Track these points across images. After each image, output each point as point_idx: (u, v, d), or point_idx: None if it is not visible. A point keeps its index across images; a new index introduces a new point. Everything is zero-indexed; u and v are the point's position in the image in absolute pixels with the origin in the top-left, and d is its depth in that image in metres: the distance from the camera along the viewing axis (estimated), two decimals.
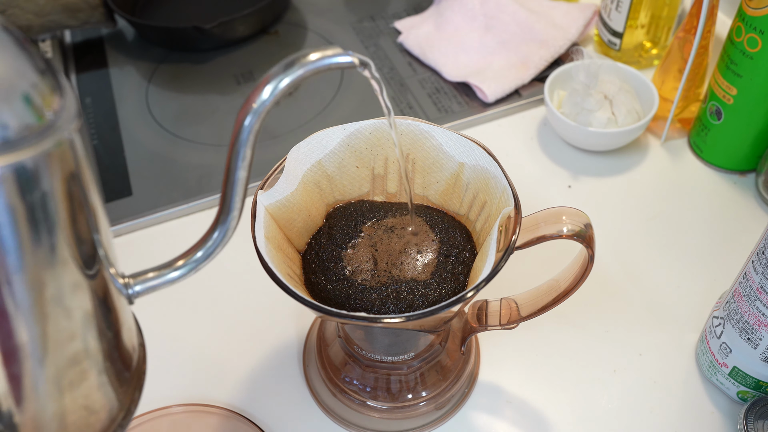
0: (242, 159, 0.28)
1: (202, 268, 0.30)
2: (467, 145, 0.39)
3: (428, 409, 0.46)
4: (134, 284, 0.28)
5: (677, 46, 0.62)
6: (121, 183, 0.62)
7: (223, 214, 0.29)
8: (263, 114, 0.27)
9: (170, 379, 0.49)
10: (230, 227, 0.29)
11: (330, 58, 0.29)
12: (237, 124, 0.27)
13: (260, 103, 0.27)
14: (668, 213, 0.58)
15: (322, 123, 0.67)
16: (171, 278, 0.29)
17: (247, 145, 0.28)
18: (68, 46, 0.78)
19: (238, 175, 0.28)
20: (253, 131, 0.27)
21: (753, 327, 0.41)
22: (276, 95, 0.27)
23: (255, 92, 0.27)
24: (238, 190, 0.28)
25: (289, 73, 0.28)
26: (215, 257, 0.29)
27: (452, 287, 0.37)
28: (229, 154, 0.28)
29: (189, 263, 0.29)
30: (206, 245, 0.29)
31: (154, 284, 0.29)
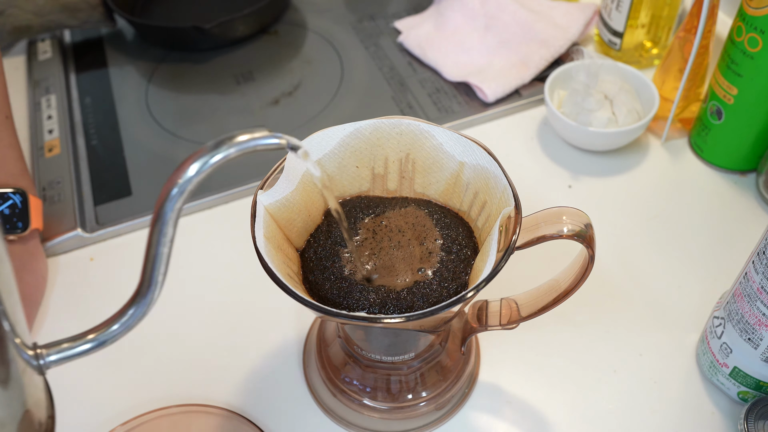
0: (164, 235, 0.27)
1: (117, 340, 0.29)
2: (467, 145, 0.39)
3: (428, 410, 0.46)
4: (47, 354, 0.27)
5: (678, 45, 0.61)
6: (120, 183, 0.62)
7: (143, 287, 0.28)
8: (187, 192, 0.27)
9: (170, 379, 0.49)
10: (150, 301, 0.28)
11: (258, 139, 0.28)
12: (159, 200, 0.27)
13: (186, 180, 0.27)
14: (668, 213, 0.58)
15: (322, 123, 0.67)
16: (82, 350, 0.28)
17: (170, 223, 0.27)
18: (68, 45, 0.78)
19: (160, 250, 0.27)
20: (176, 209, 0.27)
21: (754, 327, 0.41)
22: (202, 174, 0.27)
23: (180, 169, 0.27)
24: (160, 265, 0.28)
25: (217, 152, 0.27)
26: (132, 330, 0.29)
27: (453, 287, 0.37)
28: (151, 230, 0.27)
29: (103, 336, 0.29)
30: (122, 319, 0.29)
31: (68, 354, 0.28)
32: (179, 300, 0.54)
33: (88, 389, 0.49)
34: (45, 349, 0.28)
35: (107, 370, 0.50)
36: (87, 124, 0.68)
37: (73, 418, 0.47)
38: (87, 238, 0.58)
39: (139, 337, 0.51)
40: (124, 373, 0.50)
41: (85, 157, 0.65)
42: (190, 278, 0.55)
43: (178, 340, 0.51)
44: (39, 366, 0.27)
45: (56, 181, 0.62)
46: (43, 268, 0.54)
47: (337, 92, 0.71)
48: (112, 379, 0.49)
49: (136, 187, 0.62)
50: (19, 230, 0.52)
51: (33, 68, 0.74)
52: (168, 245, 0.28)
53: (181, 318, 0.53)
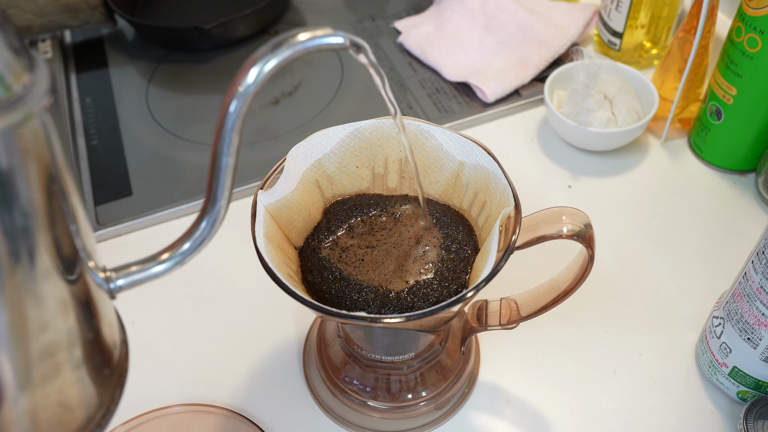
0: (229, 145, 0.26)
1: (189, 261, 0.27)
2: (467, 145, 0.39)
3: (428, 409, 0.46)
4: (116, 278, 0.27)
5: (677, 46, 0.62)
6: (121, 183, 0.62)
7: (210, 204, 0.27)
8: (250, 97, 0.26)
9: (170, 379, 0.49)
10: (218, 217, 0.27)
11: (320, 38, 0.27)
12: (223, 108, 0.26)
13: (246, 86, 0.26)
14: (668, 213, 0.58)
15: (322, 123, 0.67)
16: (156, 272, 0.27)
17: (234, 131, 0.26)
18: (68, 46, 0.78)
19: (224, 162, 0.26)
20: (240, 116, 0.26)
21: (753, 327, 0.41)
22: (262, 78, 0.26)
23: (240, 75, 0.26)
24: (225, 178, 0.26)
25: (276, 54, 0.26)
26: (203, 249, 0.28)
27: (453, 287, 0.37)
28: (215, 141, 0.26)
29: (175, 256, 0.27)
30: (193, 236, 0.27)
31: (137, 278, 0.27)
32: (179, 299, 0.54)
33: None
34: (114, 272, 0.27)
35: None
36: (87, 124, 0.68)
37: None
38: None
39: (139, 337, 0.52)
40: None
41: (86, 157, 0.65)
42: (190, 278, 0.55)
43: (178, 340, 0.51)
44: (109, 289, 0.26)
45: None
46: None
47: (337, 92, 0.71)
48: None
49: (137, 187, 0.62)
50: None
51: None
52: (234, 156, 0.26)
53: (181, 318, 0.53)
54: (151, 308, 0.53)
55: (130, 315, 0.53)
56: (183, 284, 0.55)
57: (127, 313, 0.52)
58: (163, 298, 0.54)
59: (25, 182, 0.20)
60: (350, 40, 0.28)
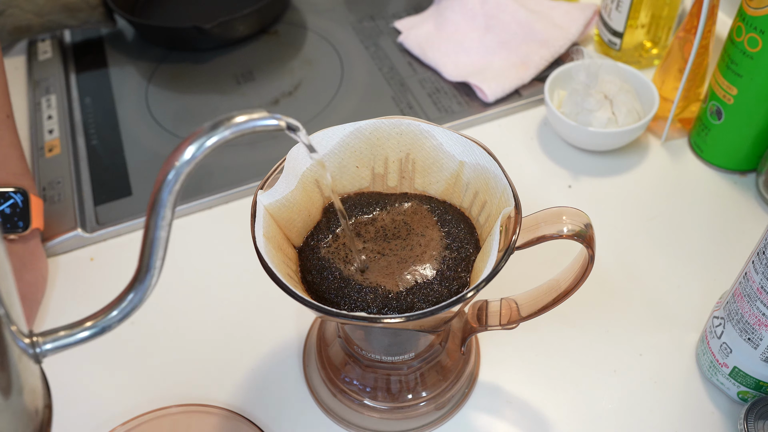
0: (162, 218, 0.27)
1: (116, 327, 0.28)
2: (467, 145, 0.39)
3: (428, 410, 0.46)
4: (43, 343, 0.27)
5: (677, 45, 0.62)
6: (120, 183, 0.62)
7: (141, 273, 0.27)
8: (184, 175, 0.26)
9: (170, 379, 0.49)
10: (149, 286, 0.28)
11: (256, 120, 0.28)
12: (157, 183, 0.26)
13: (183, 162, 0.26)
14: (668, 213, 0.58)
15: (322, 123, 0.67)
16: (81, 338, 0.28)
17: (167, 206, 0.27)
18: (68, 45, 0.78)
19: (157, 234, 0.27)
20: (174, 192, 0.26)
21: (753, 327, 0.41)
22: (199, 155, 0.26)
23: (177, 152, 0.26)
24: (158, 249, 0.27)
25: (214, 134, 0.27)
26: (131, 317, 0.28)
27: (454, 287, 0.37)
28: (148, 214, 0.27)
29: (101, 323, 0.28)
30: (121, 305, 0.28)
31: (65, 342, 0.27)
32: (179, 300, 0.54)
33: (88, 389, 0.49)
34: (41, 336, 0.27)
35: (107, 370, 0.50)
36: (87, 124, 0.68)
37: (73, 418, 0.47)
38: (87, 238, 0.58)
39: (139, 338, 0.52)
40: (124, 373, 0.50)
41: (86, 157, 0.65)
42: (190, 278, 0.55)
43: (178, 340, 0.51)
44: (35, 354, 0.27)
45: (56, 181, 0.62)
46: (43, 268, 0.54)
47: (337, 92, 0.71)
48: (112, 379, 0.50)
49: (136, 187, 0.62)
50: (20, 229, 0.52)
51: (33, 68, 0.74)
52: (166, 229, 0.27)
53: (181, 318, 0.53)
54: (151, 308, 0.53)
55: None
56: (183, 284, 0.55)
57: None
58: (163, 298, 0.54)
59: None
60: (286, 123, 0.29)
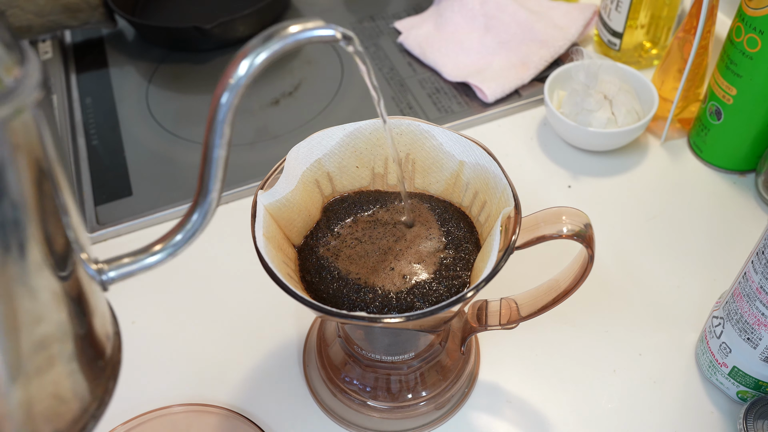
0: (220, 137, 0.26)
1: (181, 252, 0.28)
2: (467, 145, 0.39)
3: (428, 409, 0.46)
4: (108, 270, 0.27)
5: (677, 46, 0.62)
6: (121, 183, 0.62)
7: (201, 196, 0.27)
8: (242, 89, 0.26)
9: (170, 379, 0.49)
10: (210, 209, 0.27)
11: (311, 30, 0.27)
12: (214, 100, 0.26)
13: (237, 78, 0.26)
14: (668, 213, 0.58)
15: (322, 123, 0.67)
16: (148, 263, 0.27)
17: (226, 123, 0.26)
18: (68, 46, 0.78)
19: (216, 153, 0.26)
20: (232, 108, 0.26)
21: (753, 327, 0.41)
22: (254, 70, 0.26)
23: (231, 67, 0.26)
24: (217, 170, 0.27)
25: (268, 46, 0.26)
26: (195, 241, 0.28)
27: (453, 286, 0.37)
28: (207, 132, 0.26)
29: (167, 247, 0.27)
30: (185, 228, 0.27)
31: (130, 270, 0.27)
32: (179, 299, 0.54)
33: None
34: (107, 264, 0.27)
35: None
36: (87, 124, 0.68)
37: None
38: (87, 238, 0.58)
39: (139, 337, 0.52)
40: (124, 372, 0.50)
41: (86, 157, 0.65)
42: (191, 278, 0.55)
43: (178, 340, 0.51)
44: (101, 281, 0.27)
45: None
46: None
47: (337, 92, 0.71)
48: None
49: (137, 187, 0.62)
50: None
51: None
52: (225, 147, 0.26)
53: (181, 318, 0.53)
54: (151, 308, 0.53)
55: (130, 315, 0.53)
56: (183, 284, 0.55)
57: (127, 313, 0.53)
58: (163, 298, 0.54)
59: (16, 175, 0.21)
60: (341, 32, 0.28)
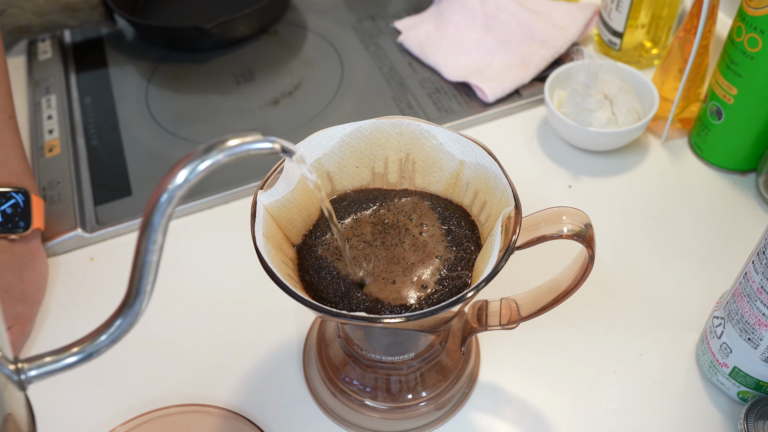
0: (153, 243, 0.26)
1: (104, 353, 0.28)
2: (467, 145, 0.39)
3: (428, 410, 0.46)
4: (28, 369, 0.26)
5: (677, 45, 0.62)
6: (121, 183, 0.62)
7: (130, 298, 0.27)
8: (177, 198, 0.26)
9: (170, 379, 0.49)
10: (138, 312, 0.27)
11: (250, 144, 0.27)
12: (148, 207, 0.26)
13: (175, 186, 0.26)
14: (668, 213, 0.58)
15: (322, 123, 0.67)
16: (68, 363, 0.27)
17: (159, 230, 0.26)
18: (68, 45, 0.78)
19: (148, 259, 0.26)
20: (166, 215, 0.26)
21: (753, 327, 0.41)
22: (192, 179, 0.26)
23: (169, 175, 0.26)
24: (148, 274, 0.27)
25: (207, 157, 0.26)
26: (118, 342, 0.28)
27: (454, 286, 0.37)
28: (139, 238, 0.26)
29: (89, 348, 0.27)
30: (109, 330, 0.27)
31: (50, 369, 0.27)
32: (179, 300, 0.54)
33: (88, 389, 0.49)
34: (27, 363, 0.27)
35: (107, 371, 0.50)
36: (87, 124, 0.68)
37: (73, 418, 0.47)
38: (87, 238, 0.58)
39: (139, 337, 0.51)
40: (124, 373, 0.50)
41: (86, 157, 0.65)
42: (190, 278, 0.55)
43: (178, 341, 0.51)
44: (20, 381, 0.26)
45: (56, 181, 0.62)
46: (44, 268, 0.54)
47: (337, 92, 0.71)
48: (112, 379, 0.50)
49: (136, 187, 0.62)
50: (21, 229, 0.52)
51: (33, 68, 0.74)
52: (157, 253, 0.27)
53: (181, 318, 0.53)
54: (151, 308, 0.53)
55: None
56: (183, 284, 0.55)
57: None
58: (163, 298, 0.54)
59: None
60: (281, 146, 0.29)
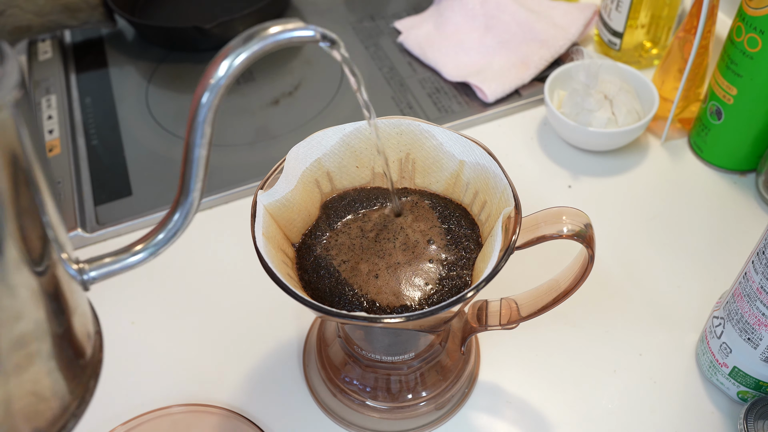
0: (201, 136, 0.26)
1: (162, 252, 0.28)
2: (467, 145, 0.39)
3: (428, 409, 0.46)
4: (89, 270, 0.27)
5: (677, 45, 0.62)
6: (121, 183, 0.62)
7: (182, 195, 0.27)
8: (222, 89, 0.26)
9: (170, 379, 0.49)
10: (191, 209, 0.27)
11: (291, 31, 0.27)
12: (194, 99, 0.26)
13: (217, 78, 0.26)
14: (668, 213, 0.58)
15: (322, 123, 0.67)
16: (129, 263, 0.27)
17: (206, 122, 0.26)
18: (68, 46, 0.78)
19: (197, 153, 0.27)
20: (212, 108, 0.26)
21: (753, 327, 0.41)
22: (234, 70, 0.26)
23: (212, 67, 0.26)
24: (198, 169, 0.27)
25: (248, 47, 0.26)
26: (176, 240, 0.28)
27: (454, 285, 0.37)
28: (188, 132, 0.26)
29: (149, 247, 0.28)
30: (167, 228, 0.28)
31: (111, 269, 0.27)
32: (179, 300, 0.54)
33: None
34: (87, 264, 0.27)
35: (107, 370, 0.50)
36: (87, 124, 0.68)
37: None
38: (87, 238, 0.58)
39: (139, 337, 0.52)
40: (124, 372, 0.50)
41: (86, 157, 0.65)
42: (190, 278, 0.55)
43: (178, 340, 0.51)
44: (83, 281, 0.27)
45: (56, 181, 0.62)
46: None
47: (337, 92, 0.71)
48: (113, 378, 0.50)
49: (137, 187, 0.62)
50: None
51: (33, 68, 0.74)
52: (206, 147, 0.26)
53: (181, 318, 0.53)
54: (151, 308, 0.53)
55: (130, 315, 0.53)
56: (183, 284, 0.55)
57: (127, 313, 0.53)
58: (163, 298, 0.54)
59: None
60: (321, 33, 0.28)
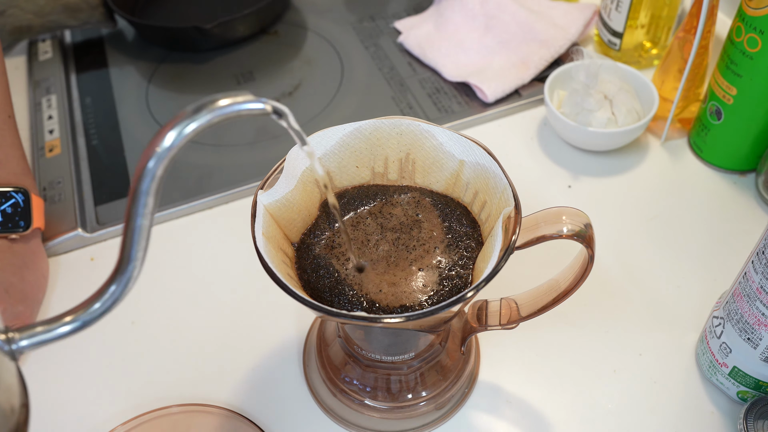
0: (143, 206, 0.26)
1: (98, 321, 0.27)
2: (467, 145, 0.39)
3: (428, 409, 0.46)
4: (19, 339, 0.26)
5: (677, 46, 0.62)
6: (121, 183, 0.62)
7: (122, 265, 0.26)
8: (166, 160, 0.26)
9: (170, 379, 0.49)
10: (131, 278, 0.27)
11: (241, 104, 0.27)
12: (138, 169, 0.25)
13: (164, 149, 0.25)
14: (668, 213, 0.58)
15: (322, 123, 0.67)
16: (61, 333, 0.27)
17: (150, 193, 0.26)
18: (68, 46, 0.78)
19: (138, 222, 0.26)
20: (156, 178, 0.26)
21: (753, 327, 0.41)
22: (180, 141, 0.26)
23: (158, 137, 0.26)
24: (140, 238, 0.26)
25: (196, 118, 0.26)
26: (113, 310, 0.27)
27: (456, 285, 0.37)
28: (129, 201, 0.26)
29: (83, 316, 0.27)
30: (103, 298, 0.27)
31: (42, 339, 0.26)
32: (179, 300, 0.54)
33: (88, 389, 0.49)
34: (18, 333, 0.26)
35: (107, 370, 0.50)
36: (87, 124, 0.68)
37: (73, 417, 0.48)
38: (87, 238, 0.58)
39: (139, 337, 0.52)
40: (124, 372, 0.50)
41: (86, 157, 0.65)
42: (190, 278, 0.55)
43: (178, 340, 0.51)
44: (11, 351, 0.26)
45: (57, 181, 0.62)
46: (44, 267, 0.54)
47: (337, 92, 0.71)
48: (112, 378, 0.50)
49: None
50: (21, 229, 0.52)
51: (33, 68, 0.74)
52: (148, 217, 0.26)
53: (181, 318, 0.53)
54: (151, 308, 0.53)
55: (130, 315, 0.53)
56: (183, 284, 0.55)
57: (127, 313, 0.53)
58: (162, 297, 0.54)
59: None
60: (272, 106, 0.28)
